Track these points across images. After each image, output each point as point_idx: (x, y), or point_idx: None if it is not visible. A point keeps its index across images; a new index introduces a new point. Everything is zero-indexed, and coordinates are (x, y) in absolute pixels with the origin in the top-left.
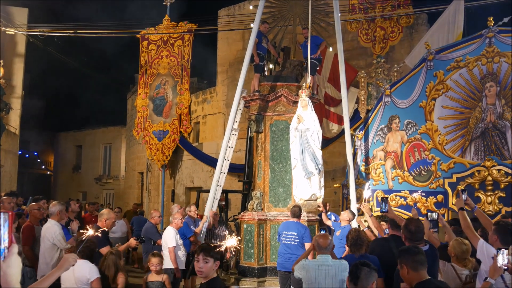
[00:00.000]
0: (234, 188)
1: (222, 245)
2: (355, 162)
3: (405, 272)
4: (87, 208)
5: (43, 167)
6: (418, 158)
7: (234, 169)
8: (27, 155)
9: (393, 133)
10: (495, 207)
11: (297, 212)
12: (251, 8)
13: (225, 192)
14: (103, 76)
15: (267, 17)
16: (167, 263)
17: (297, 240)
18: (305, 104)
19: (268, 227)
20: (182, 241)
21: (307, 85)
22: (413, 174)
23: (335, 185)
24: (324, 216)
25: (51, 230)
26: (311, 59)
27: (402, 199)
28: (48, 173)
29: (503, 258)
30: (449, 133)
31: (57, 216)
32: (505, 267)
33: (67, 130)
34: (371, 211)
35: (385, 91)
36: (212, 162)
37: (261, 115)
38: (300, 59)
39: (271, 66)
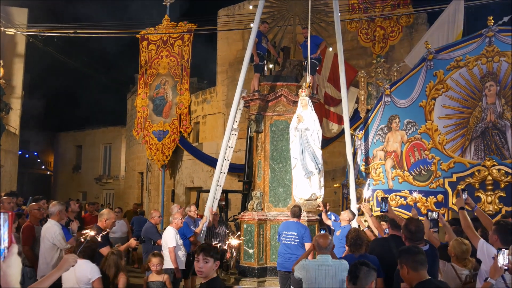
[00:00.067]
0: (234, 188)
1: (225, 244)
2: (355, 162)
3: (405, 272)
4: (87, 208)
5: (43, 167)
6: (418, 158)
7: (234, 169)
8: (27, 155)
9: (393, 133)
10: (495, 207)
11: (297, 212)
12: (250, 8)
13: (225, 192)
14: (103, 76)
15: (266, 17)
16: (167, 263)
17: (297, 240)
18: (305, 104)
19: (268, 227)
20: (182, 241)
21: (307, 84)
22: (413, 174)
23: (335, 185)
24: (324, 215)
25: (51, 230)
26: (311, 58)
27: (402, 199)
28: (48, 173)
29: (503, 258)
30: (449, 133)
31: (57, 216)
32: (506, 267)
33: (67, 130)
34: (371, 211)
35: (385, 90)
36: (212, 162)
37: (261, 115)
38: (300, 58)
39: (271, 66)
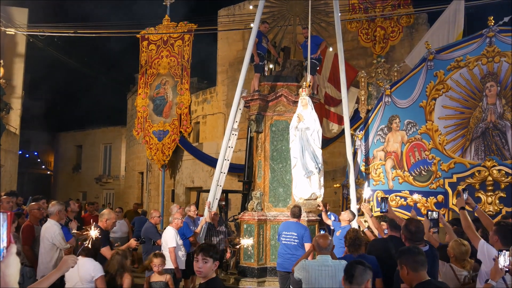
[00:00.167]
0: (234, 188)
1: (239, 242)
2: (355, 162)
3: (405, 272)
4: (86, 208)
5: (43, 167)
6: (418, 158)
7: (234, 169)
8: (27, 155)
9: (393, 133)
10: (496, 207)
11: (297, 212)
12: (251, 8)
13: (225, 192)
14: (103, 76)
15: (267, 17)
16: (167, 263)
17: (297, 240)
18: (305, 103)
19: (268, 227)
20: (182, 241)
21: (307, 84)
22: (413, 174)
23: (335, 185)
24: (324, 215)
25: (50, 230)
26: (311, 59)
27: (402, 199)
28: (48, 173)
29: (504, 260)
30: (449, 133)
31: (56, 216)
32: (507, 269)
33: (67, 130)
34: (371, 211)
35: (385, 91)
36: (212, 162)
37: (261, 115)
38: (300, 59)
39: (271, 66)
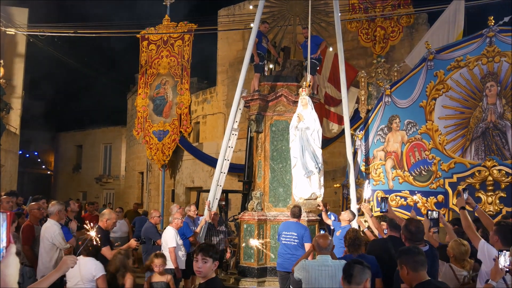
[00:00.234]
0: (234, 188)
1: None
2: (355, 162)
3: (405, 272)
4: (86, 208)
5: (44, 167)
6: (418, 158)
7: (234, 169)
8: (27, 155)
9: (394, 133)
10: (496, 207)
11: (297, 212)
12: (251, 8)
13: (225, 192)
14: (103, 76)
15: (267, 17)
16: (168, 263)
17: (296, 240)
18: (305, 103)
19: (268, 227)
20: (182, 241)
21: (307, 83)
22: (414, 174)
23: (335, 185)
24: (324, 215)
25: (50, 230)
26: (311, 59)
27: (403, 199)
28: (49, 173)
29: (504, 260)
30: (449, 133)
31: (56, 216)
32: (507, 269)
33: (67, 130)
34: (371, 211)
35: (385, 91)
36: (212, 162)
37: (261, 115)
38: (300, 59)
39: (271, 66)
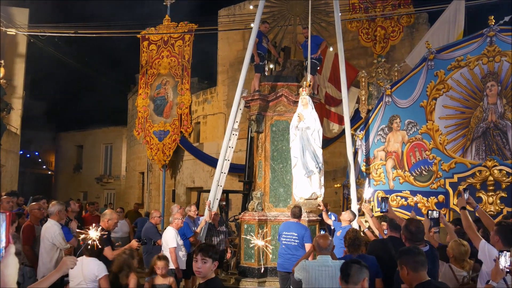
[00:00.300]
0: (235, 188)
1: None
2: (355, 162)
3: (405, 273)
4: (87, 208)
5: (44, 167)
6: (419, 158)
7: (235, 169)
8: (28, 155)
9: (394, 133)
10: (497, 208)
11: (297, 212)
12: (251, 8)
13: (226, 192)
14: (104, 76)
15: (267, 17)
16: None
17: (297, 240)
18: (305, 102)
19: (269, 227)
20: (182, 242)
21: (307, 83)
22: (414, 174)
23: (335, 185)
24: (325, 215)
25: (50, 230)
26: (312, 58)
27: (403, 199)
28: (49, 173)
29: (505, 260)
30: (450, 133)
31: (56, 216)
32: (507, 270)
33: (68, 130)
34: (372, 211)
35: (386, 90)
36: (212, 162)
37: (261, 115)
38: (301, 59)
39: (271, 66)
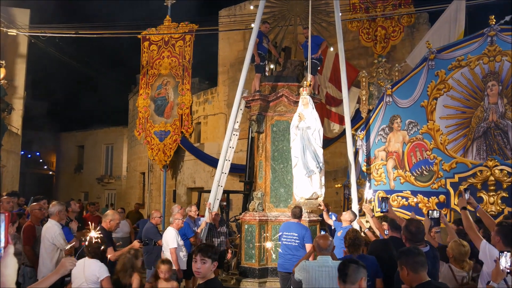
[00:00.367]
0: (235, 188)
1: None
2: (356, 162)
3: (405, 273)
4: (88, 208)
5: (45, 167)
6: (419, 158)
7: (235, 169)
8: (29, 155)
9: (395, 133)
10: (498, 207)
11: (297, 213)
12: (251, 8)
13: (226, 192)
14: (105, 76)
15: (267, 17)
16: None
17: (297, 241)
18: (306, 102)
19: (269, 227)
20: (183, 242)
21: (307, 83)
22: (415, 174)
23: (336, 186)
24: (325, 215)
25: (51, 231)
26: (312, 59)
27: (404, 199)
28: (50, 173)
29: (506, 261)
30: (451, 133)
31: (56, 216)
32: (508, 270)
33: (69, 131)
34: (372, 211)
35: (387, 90)
36: (213, 162)
37: (262, 115)
38: (301, 59)
39: (272, 66)
